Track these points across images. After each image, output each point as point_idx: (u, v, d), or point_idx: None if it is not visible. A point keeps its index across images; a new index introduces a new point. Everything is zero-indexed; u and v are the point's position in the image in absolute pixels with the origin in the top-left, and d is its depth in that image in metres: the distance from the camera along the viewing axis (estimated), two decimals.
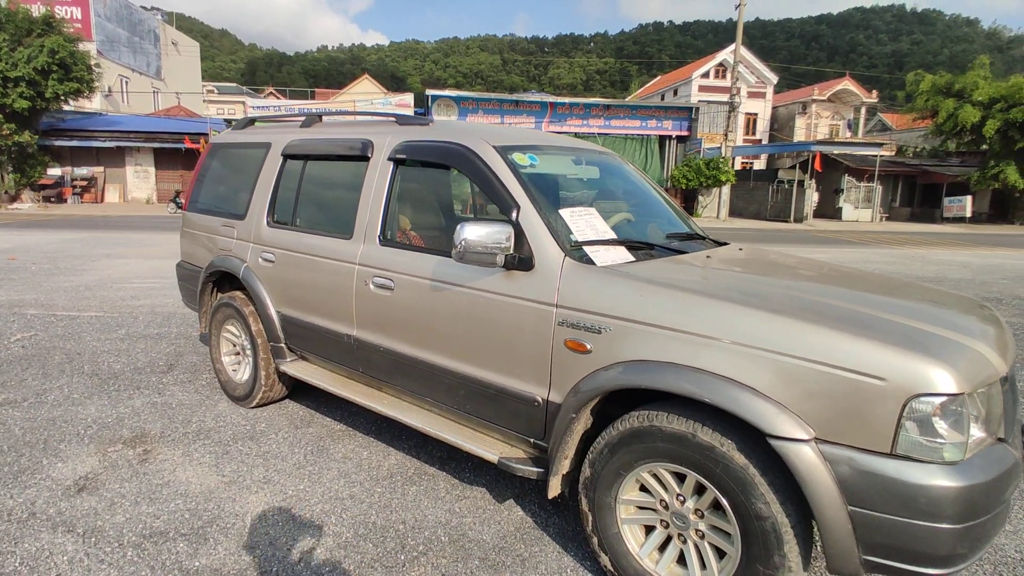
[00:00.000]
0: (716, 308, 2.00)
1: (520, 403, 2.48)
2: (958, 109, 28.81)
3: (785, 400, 1.82)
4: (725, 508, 1.96)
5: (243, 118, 4.33)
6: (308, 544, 2.56)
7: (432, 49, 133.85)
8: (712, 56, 40.04)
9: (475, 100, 26.88)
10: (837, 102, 39.41)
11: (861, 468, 1.72)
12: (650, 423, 2.07)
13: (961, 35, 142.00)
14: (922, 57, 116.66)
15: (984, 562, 2.54)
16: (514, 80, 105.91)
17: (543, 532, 2.70)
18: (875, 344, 1.75)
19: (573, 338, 2.27)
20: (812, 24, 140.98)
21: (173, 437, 3.54)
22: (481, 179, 2.68)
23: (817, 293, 2.29)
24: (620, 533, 2.23)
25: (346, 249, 3.15)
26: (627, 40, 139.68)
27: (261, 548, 2.52)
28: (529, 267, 2.43)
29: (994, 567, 2.52)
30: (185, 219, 4.41)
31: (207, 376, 4.57)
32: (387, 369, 3.04)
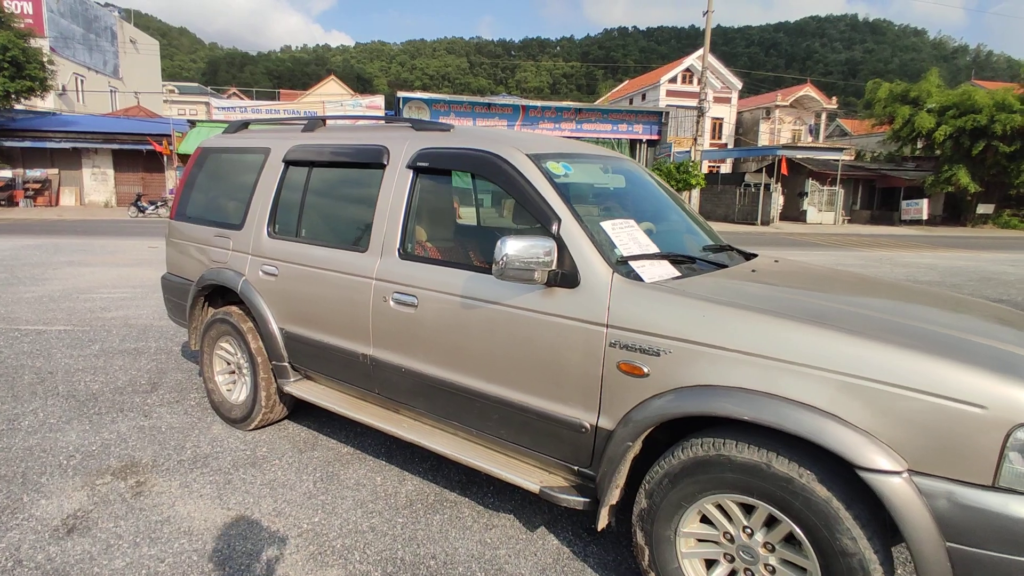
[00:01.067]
0: (793, 331, 1.89)
1: (564, 429, 2.33)
2: (913, 116, 29.96)
3: (874, 429, 1.71)
4: (802, 542, 1.85)
5: (236, 121, 4.06)
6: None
7: (398, 51, 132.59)
8: (679, 61, 40.65)
9: (447, 102, 26.65)
10: (799, 108, 40.46)
11: (960, 502, 1.62)
12: (718, 452, 1.95)
13: (910, 44, 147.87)
14: (874, 65, 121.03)
15: None
16: (481, 83, 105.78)
17: (583, 563, 2.55)
18: (972, 369, 1.66)
19: (628, 360, 2.13)
20: (771, 32, 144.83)
21: (167, 466, 3.27)
22: (516, 190, 2.52)
23: (887, 312, 2.19)
24: (680, 568, 2.10)
25: (361, 263, 2.95)
26: (593, 45, 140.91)
27: None
28: (574, 284, 2.28)
29: None
30: (172, 228, 4.12)
31: (196, 396, 4.28)
32: (408, 391, 2.85)
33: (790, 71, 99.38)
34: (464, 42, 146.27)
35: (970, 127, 28.42)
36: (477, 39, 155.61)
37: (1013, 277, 12.13)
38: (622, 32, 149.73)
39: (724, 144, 40.51)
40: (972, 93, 29.48)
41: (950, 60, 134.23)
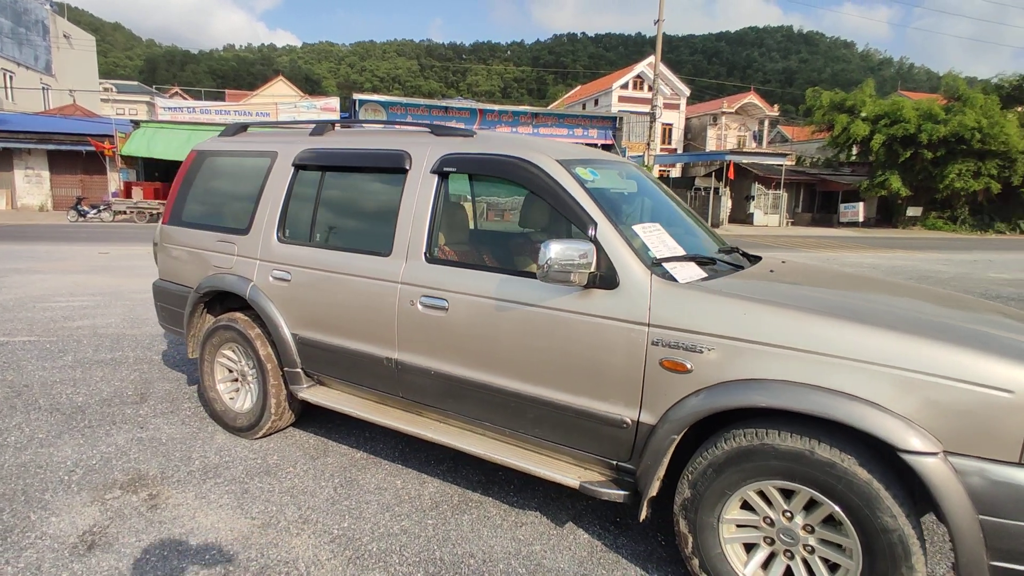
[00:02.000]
0: (833, 326, 2.04)
1: (604, 425, 2.42)
2: (850, 124, 31.65)
3: (911, 415, 1.87)
4: (843, 522, 1.99)
5: (234, 124, 3.98)
6: None
7: (347, 52, 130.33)
8: (631, 68, 41.62)
9: (404, 105, 26.45)
10: (744, 114, 42.07)
11: (991, 478, 1.79)
12: (761, 441, 2.07)
13: (840, 56, 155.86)
14: (808, 74, 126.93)
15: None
16: (432, 86, 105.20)
17: (617, 555, 2.64)
18: (999, 359, 1.84)
19: (670, 358, 2.24)
20: (713, 41, 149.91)
21: (177, 477, 3.18)
22: (551, 195, 2.60)
23: (909, 307, 2.38)
24: (723, 553, 2.22)
25: (384, 267, 2.96)
26: (543, 50, 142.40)
27: None
28: (612, 285, 2.38)
29: None
30: (164, 234, 3.99)
31: (190, 406, 4.16)
32: (437, 393, 2.88)
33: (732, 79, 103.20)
34: (414, 44, 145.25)
35: (900, 135, 30.28)
36: (427, 42, 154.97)
37: (947, 275, 13.01)
38: (571, 38, 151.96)
39: (674, 149, 41.70)
40: (901, 103, 31.43)
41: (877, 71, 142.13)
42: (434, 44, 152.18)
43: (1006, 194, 31.90)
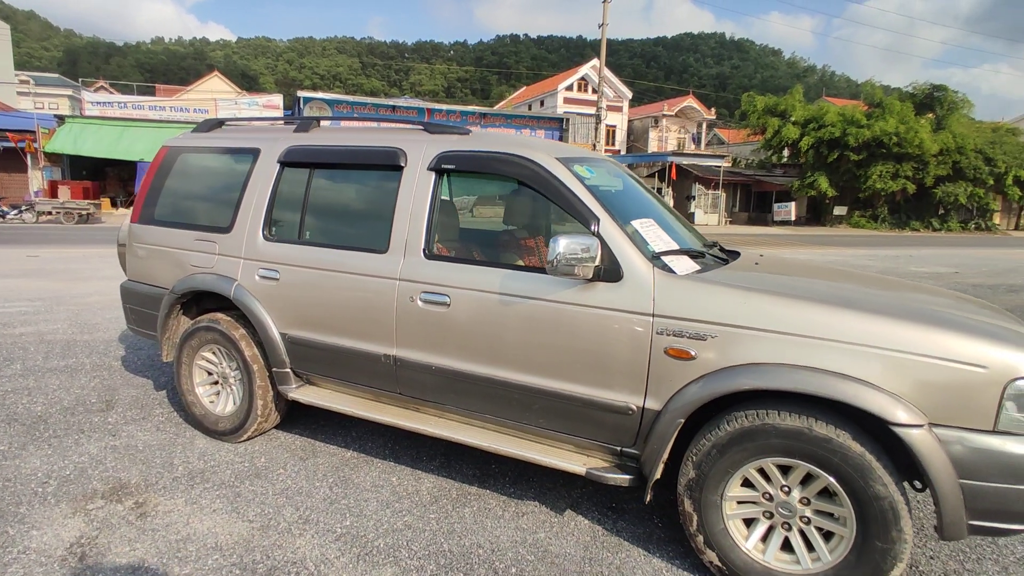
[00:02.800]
0: (827, 312, 2.20)
1: (610, 413, 2.52)
2: (782, 127, 33.30)
3: (899, 391, 2.06)
4: (837, 493, 2.16)
5: (210, 119, 3.86)
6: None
7: (285, 48, 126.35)
8: (575, 70, 42.29)
9: (350, 104, 25.98)
10: (683, 117, 43.50)
11: (969, 445, 2.00)
12: (762, 422, 2.22)
13: (769, 63, 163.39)
14: (740, 80, 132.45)
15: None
16: (374, 84, 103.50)
17: (619, 538, 2.75)
18: (973, 338, 2.05)
19: (676, 346, 2.36)
20: (651, 45, 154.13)
21: (162, 484, 3.08)
22: (553, 192, 2.68)
23: (889, 295, 2.60)
24: (726, 529, 2.36)
25: (381, 264, 2.96)
26: (486, 50, 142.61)
27: None
28: (617, 278, 2.48)
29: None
30: (134, 233, 3.83)
31: (162, 410, 4.01)
32: (438, 388, 2.91)
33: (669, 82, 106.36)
34: (355, 42, 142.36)
35: (827, 138, 32.11)
36: (369, 39, 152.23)
37: (875, 270, 13.93)
38: (514, 39, 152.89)
39: (618, 151, 42.64)
40: (827, 109, 33.34)
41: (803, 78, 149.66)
42: (376, 42, 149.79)
43: (920, 194, 34.36)
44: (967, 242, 27.20)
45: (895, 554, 2.08)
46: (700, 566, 2.52)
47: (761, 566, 2.30)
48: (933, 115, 34.16)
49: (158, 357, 5.17)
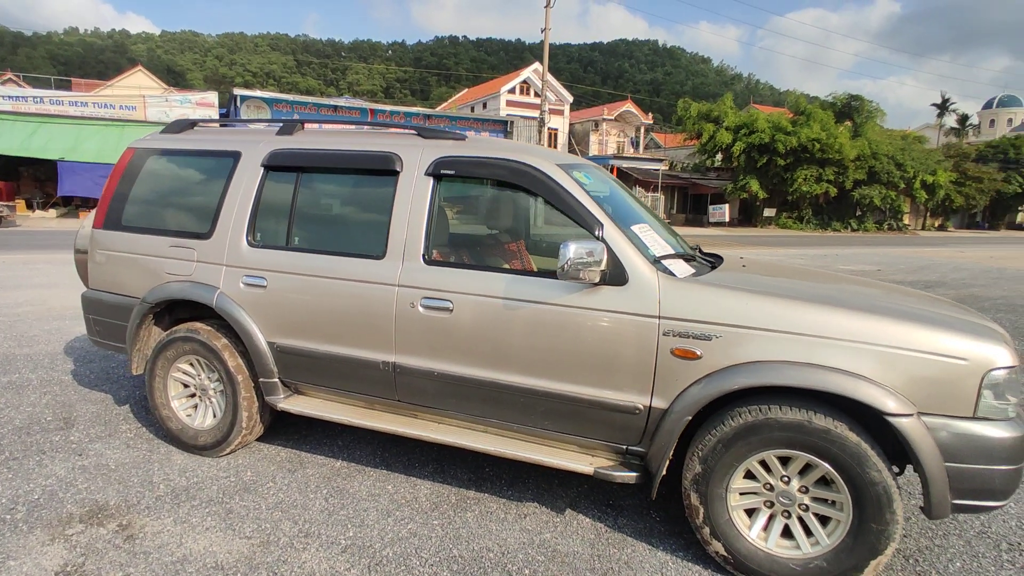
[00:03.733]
0: (822, 312, 2.36)
1: (617, 413, 2.59)
2: (716, 132, 34.73)
3: (890, 384, 2.23)
4: (835, 480, 2.31)
5: (181, 120, 3.68)
6: None
7: (214, 43, 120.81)
8: (517, 73, 42.61)
9: (290, 103, 25.21)
10: (622, 121, 44.62)
11: (954, 431, 2.19)
12: (765, 416, 2.35)
13: (699, 70, 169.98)
14: (672, 86, 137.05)
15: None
16: (310, 83, 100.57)
17: (622, 534, 2.83)
18: (954, 333, 2.25)
19: (681, 346, 2.46)
20: (588, 51, 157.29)
21: (145, 504, 2.93)
22: (555, 198, 2.73)
23: (873, 295, 2.78)
24: (731, 519, 2.48)
25: (378, 270, 2.93)
26: (425, 51, 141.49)
27: None
28: (622, 282, 2.56)
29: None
30: (97, 239, 3.61)
31: (128, 426, 3.80)
32: (439, 394, 2.91)
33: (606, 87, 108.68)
34: (290, 39, 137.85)
35: (757, 143, 33.75)
36: (304, 37, 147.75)
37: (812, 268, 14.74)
38: (453, 40, 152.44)
39: None
40: (756, 115, 35.06)
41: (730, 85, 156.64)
42: (311, 40, 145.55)
43: (840, 197, 36.65)
44: (882, 241, 29.22)
45: (889, 534, 2.25)
46: (702, 557, 2.63)
47: (764, 553, 2.43)
48: (851, 123, 36.49)
49: (113, 370, 4.89)
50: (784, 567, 2.40)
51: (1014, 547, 2.82)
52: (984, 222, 52.16)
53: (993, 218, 52.18)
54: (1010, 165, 47.45)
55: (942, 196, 39.76)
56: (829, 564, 2.34)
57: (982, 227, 51.46)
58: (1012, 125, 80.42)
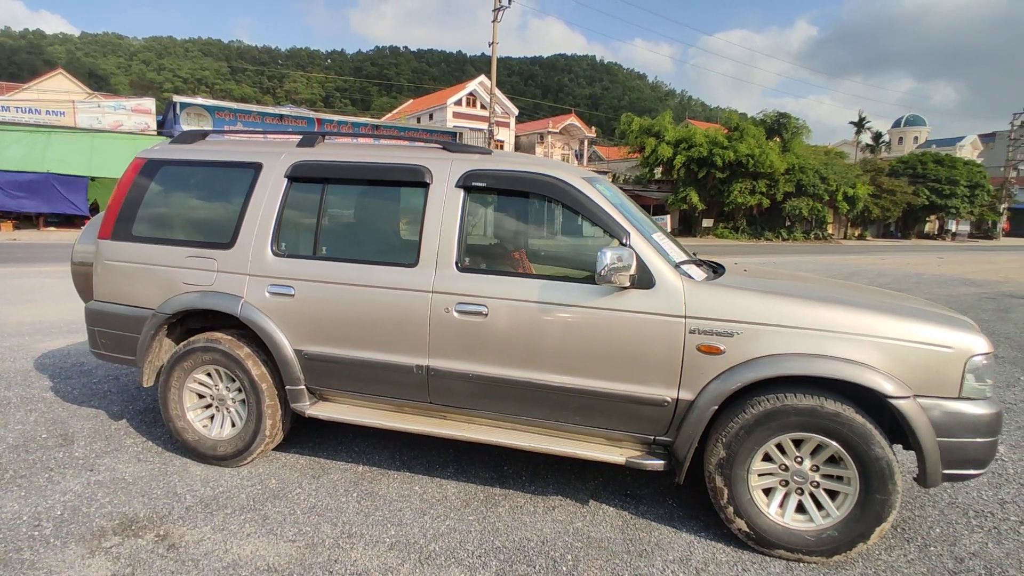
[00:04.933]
0: (830, 309, 2.66)
1: (646, 406, 2.82)
2: (657, 146, 36.10)
3: (890, 370, 2.55)
4: (843, 458, 2.61)
5: (192, 131, 3.67)
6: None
7: (140, 47, 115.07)
8: (464, 85, 42.95)
9: (233, 111, 24.50)
10: (566, 134, 45.69)
11: (943, 410, 2.53)
12: (782, 403, 2.63)
13: (635, 86, 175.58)
14: (610, 101, 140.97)
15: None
16: (246, 90, 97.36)
17: (646, 520, 3.04)
18: (940, 325, 2.60)
19: (707, 343, 2.71)
20: (528, 64, 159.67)
21: (176, 515, 2.92)
22: (584, 209, 2.95)
23: (867, 295, 3.12)
24: (752, 499, 2.74)
25: (412, 278, 3.05)
26: (365, 60, 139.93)
27: None
28: (649, 285, 2.79)
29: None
30: (105, 250, 3.55)
31: (132, 440, 3.72)
32: (473, 394, 3.05)
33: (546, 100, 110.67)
34: (223, 45, 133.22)
35: (697, 157, 35.33)
36: (238, 43, 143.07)
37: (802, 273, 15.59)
38: (394, 51, 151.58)
39: None
40: (694, 131, 36.73)
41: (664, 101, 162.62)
42: (245, 46, 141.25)
43: (772, 208, 38.77)
44: (811, 250, 31.10)
45: (891, 503, 2.56)
46: (723, 535, 2.88)
47: (782, 527, 2.70)
48: (780, 139, 38.71)
49: (96, 385, 4.73)
50: (800, 538, 2.67)
51: (980, 514, 3.22)
52: (897, 231, 56.23)
53: (905, 228, 56.38)
54: (918, 179, 51.58)
55: (861, 207, 42.70)
56: (840, 533, 2.63)
57: (896, 236, 55.47)
58: (918, 143, 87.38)
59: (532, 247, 3.78)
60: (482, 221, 4.08)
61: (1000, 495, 3.45)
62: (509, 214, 3.80)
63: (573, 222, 3.87)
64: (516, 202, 3.48)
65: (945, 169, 52.39)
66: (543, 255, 3.79)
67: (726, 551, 2.77)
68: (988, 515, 3.21)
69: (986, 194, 55.73)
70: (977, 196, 54.43)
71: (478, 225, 3.97)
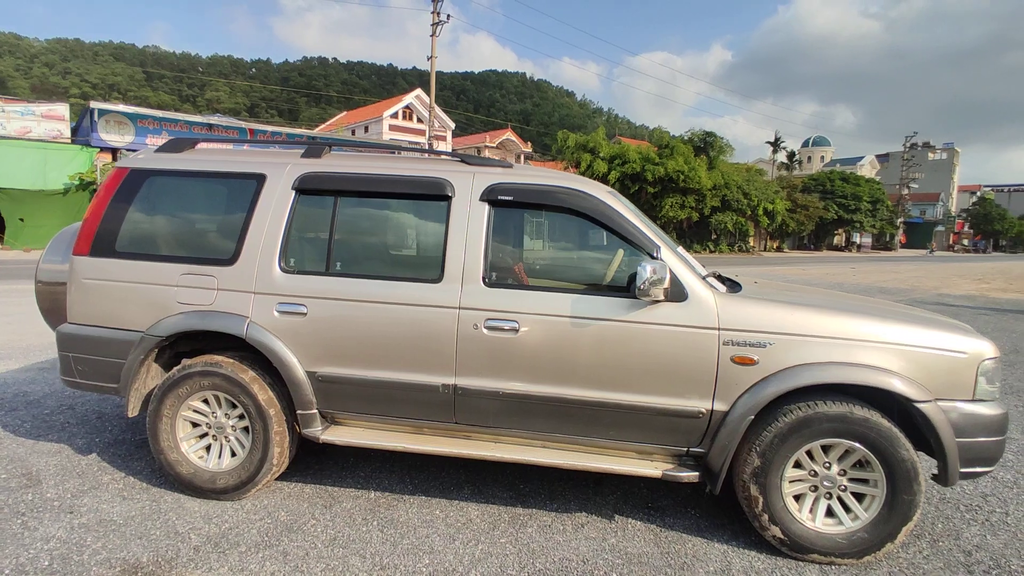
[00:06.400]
0: (854, 320, 2.78)
1: (681, 418, 2.83)
2: (593, 162, 37.05)
3: (914, 376, 2.69)
4: (870, 461, 2.72)
5: (180, 138, 3.40)
6: None
7: (43, 49, 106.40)
8: (400, 98, 42.57)
9: (158, 120, 23.13)
10: (503, 149, 46.07)
11: (961, 412, 2.69)
12: (815, 411, 2.72)
13: (564, 103, 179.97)
14: (541, 117, 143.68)
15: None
16: (163, 98, 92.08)
17: (676, 532, 3.05)
18: (954, 333, 2.77)
19: (741, 354, 2.77)
20: (460, 79, 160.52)
21: (186, 556, 2.66)
22: (613, 223, 2.95)
23: (879, 305, 3.27)
24: (785, 506, 2.80)
25: (436, 294, 2.95)
26: (292, 71, 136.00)
27: None
28: (682, 298, 2.83)
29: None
30: (83, 268, 3.22)
31: (110, 476, 3.38)
32: (502, 412, 2.97)
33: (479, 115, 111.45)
34: (137, 49, 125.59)
35: (630, 172, 36.52)
36: (154, 48, 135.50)
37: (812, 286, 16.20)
38: (323, 62, 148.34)
39: None
40: (627, 147, 38.01)
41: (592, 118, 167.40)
42: (162, 52, 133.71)
43: (700, 222, 40.58)
44: (737, 261, 32.76)
45: (916, 503, 2.69)
46: (755, 543, 2.93)
47: (814, 531, 2.78)
48: (707, 157, 40.66)
49: (48, 416, 4.28)
50: (833, 542, 2.76)
51: (969, 508, 3.44)
52: (811, 243, 60.21)
53: (817, 240, 60.48)
54: (828, 195, 55.64)
55: (780, 221, 45.44)
56: (869, 534, 2.73)
57: (809, 248, 59.38)
58: (824, 161, 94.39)
59: (526, 260, 3.75)
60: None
61: (979, 489, 3.70)
62: (515, 228, 3.76)
63: (572, 235, 3.88)
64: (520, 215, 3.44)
65: (850, 186, 56.83)
66: (539, 268, 3.77)
67: (761, 559, 2.82)
68: (976, 508, 3.43)
69: (885, 209, 60.86)
70: (878, 211, 59.36)
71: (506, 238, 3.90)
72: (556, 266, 3.59)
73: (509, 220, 3.14)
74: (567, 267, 3.65)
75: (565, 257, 3.61)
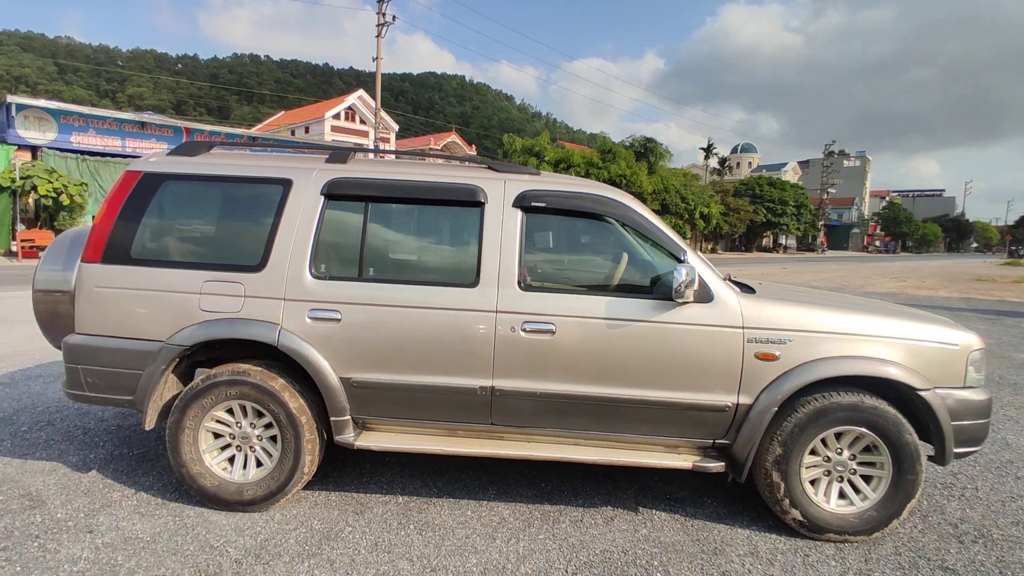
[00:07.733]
0: (862, 317, 3.04)
1: (709, 411, 3.01)
2: (539, 166, 37.52)
3: (914, 366, 2.97)
4: (879, 446, 2.98)
5: (196, 142, 3.28)
6: None
7: None
8: (342, 99, 41.71)
9: (83, 116, 21.72)
10: (447, 152, 45.95)
11: (955, 398, 2.99)
12: (830, 401, 2.95)
13: (503, 107, 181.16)
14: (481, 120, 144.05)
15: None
16: (78, 92, 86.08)
17: (700, 520, 3.22)
18: (946, 327, 3.08)
19: (764, 351, 2.97)
20: (399, 81, 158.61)
21: (230, 570, 2.60)
22: (642, 228, 3.10)
23: (880, 304, 3.56)
24: (803, 490, 3.02)
25: (472, 298, 3.01)
26: (222, 67, 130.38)
27: None
28: (709, 299, 3.01)
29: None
30: (94, 276, 3.07)
31: (120, 493, 3.24)
32: (538, 412, 3.05)
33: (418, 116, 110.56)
34: (48, 40, 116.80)
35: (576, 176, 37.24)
36: (67, 39, 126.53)
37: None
38: (254, 59, 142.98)
39: None
40: (571, 152, 38.75)
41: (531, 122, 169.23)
42: (76, 43, 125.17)
43: None
44: None
45: (919, 482, 2.97)
46: (771, 526, 3.14)
47: (830, 512, 3.01)
48: (647, 162, 41.99)
49: (28, 433, 4.03)
50: (846, 521, 3.00)
51: (945, 485, 3.79)
52: (741, 245, 63.18)
53: (748, 242, 63.53)
54: (757, 199, 58.58)
55: (715, 224, 47.47)
56: (878, 512, 2.99)
57: (740, 249, 62.29)
58: (752, 167, 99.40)
59: (527, 263, 3.85)
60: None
61: (949, 468, 4.08)
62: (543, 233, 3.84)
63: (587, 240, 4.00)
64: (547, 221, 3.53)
65: (777, 191, 60.03)
66: (540, 272, 3.88)
67: (783, 540, 3.03)
68: (951, 486, 3.79)
69: (808, 212, 64.66)
70: (802, 214, 62.97)
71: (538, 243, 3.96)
72: (580, 270, 3.70)
73: (538, 225, 3.22)
74: (589, 271, 3.77)
75: (587, 260, 3.73)
